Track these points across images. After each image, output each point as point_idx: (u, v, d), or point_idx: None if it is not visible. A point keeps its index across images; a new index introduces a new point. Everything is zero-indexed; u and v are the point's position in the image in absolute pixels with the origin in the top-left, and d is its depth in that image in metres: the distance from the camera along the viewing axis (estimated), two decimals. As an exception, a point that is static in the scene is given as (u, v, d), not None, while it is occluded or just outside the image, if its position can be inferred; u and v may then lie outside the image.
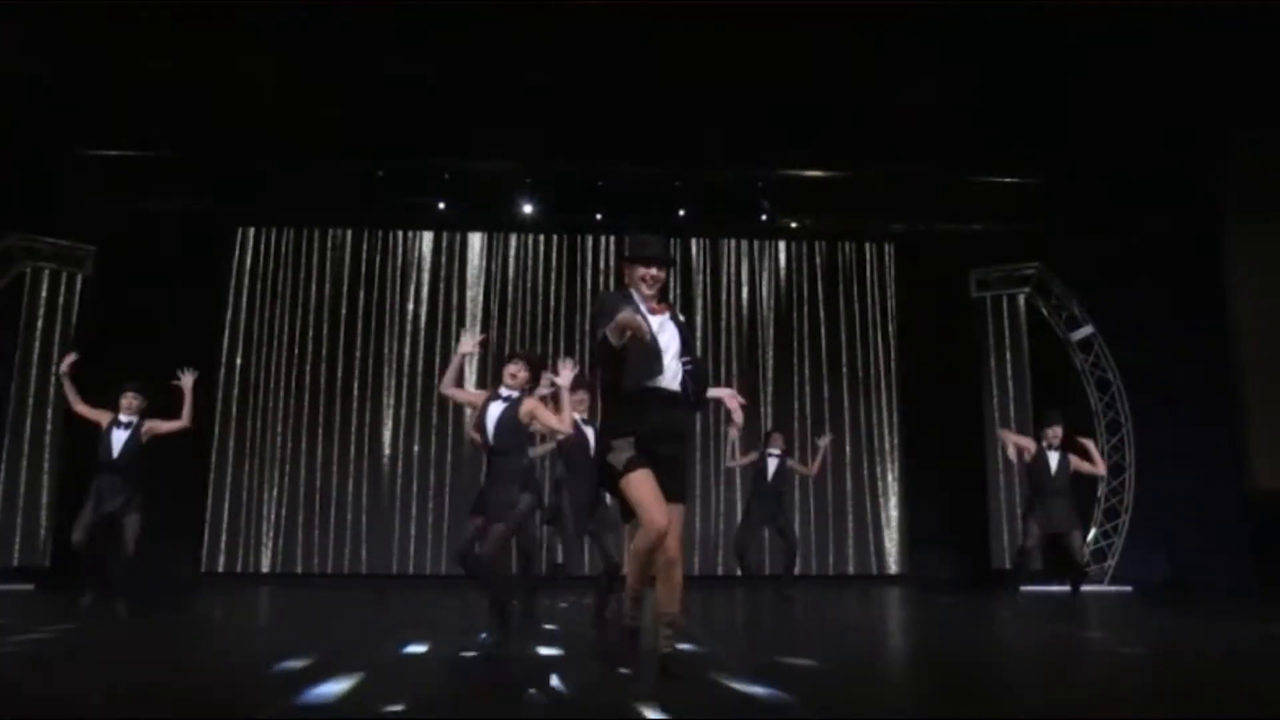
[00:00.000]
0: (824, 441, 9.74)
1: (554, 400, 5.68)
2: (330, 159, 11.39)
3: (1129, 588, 10.86)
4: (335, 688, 3.55)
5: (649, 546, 3.76)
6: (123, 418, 7.21)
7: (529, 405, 5.32)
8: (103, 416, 7.23)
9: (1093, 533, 11.40)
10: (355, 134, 10.82)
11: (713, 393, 4.29)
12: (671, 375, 3.94)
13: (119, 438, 7.17)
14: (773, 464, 9.24)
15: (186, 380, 7.28)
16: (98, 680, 4.00)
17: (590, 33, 9.23)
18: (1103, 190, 11.22)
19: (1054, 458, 7.77)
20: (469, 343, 5.33)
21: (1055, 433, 7.80)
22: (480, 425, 5.35)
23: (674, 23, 9.03)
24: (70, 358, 7.28)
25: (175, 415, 7.34)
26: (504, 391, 5.36)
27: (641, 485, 3.79)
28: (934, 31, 9.22)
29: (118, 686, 3.87)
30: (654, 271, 4.06)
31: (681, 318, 4.18)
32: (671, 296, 12.97)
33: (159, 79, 9.73)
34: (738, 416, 4.43)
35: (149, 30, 9.16)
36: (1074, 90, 10.00)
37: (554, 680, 3.81)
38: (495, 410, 5.32)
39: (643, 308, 3.99)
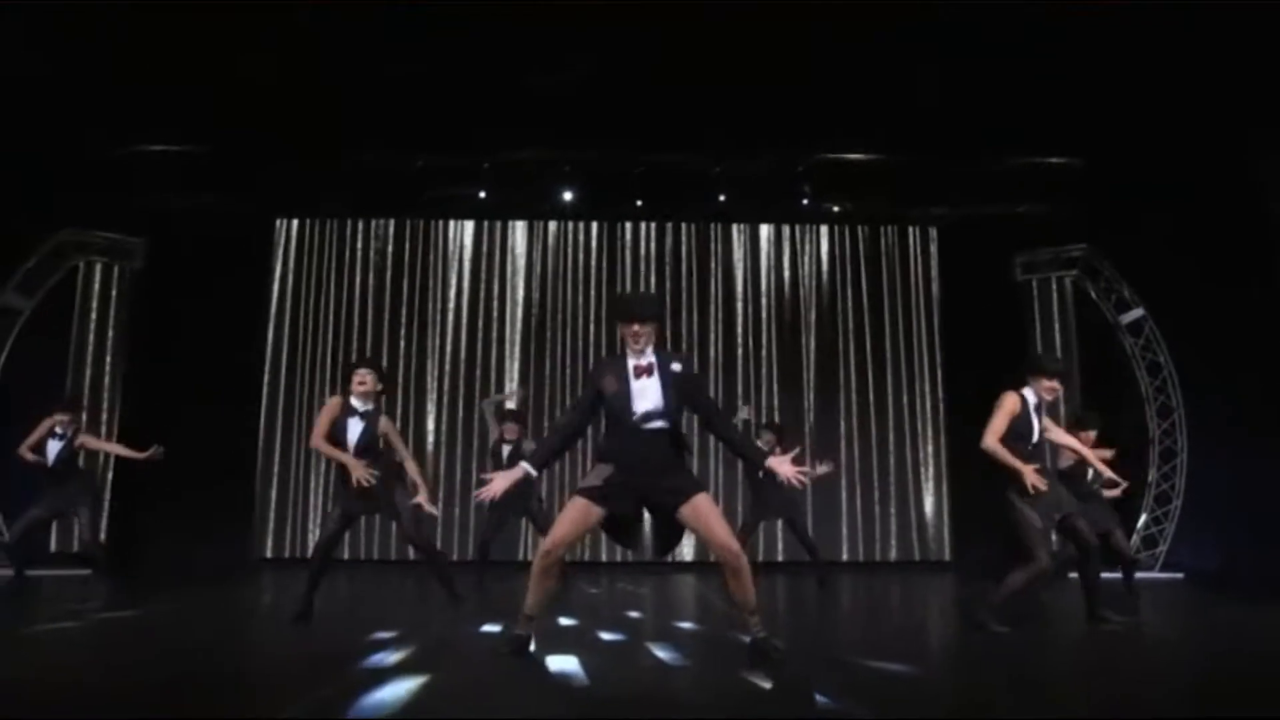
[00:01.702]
0: (823, 468, 9.46)
1: None
2: (371, 151, 11.46)
3: (1180, 575, 10.68)
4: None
5: (540, 565, 4.14)
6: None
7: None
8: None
9: (1143, 519, 11.22)
10: (396, 126, 10.87)
11: (770, 464, 4.32)
12: (648, 429, 4.11)
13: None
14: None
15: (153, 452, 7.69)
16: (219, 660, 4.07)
17: (629, 19, 9.19)
18: (1152, 168, 10.96)
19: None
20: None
21: (1088, 437, 7.57)
22: None
23: (713, 7, 8.97)
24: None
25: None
26: None
27: (566, 509, 4.14)
28: (976, 11, 9.06)
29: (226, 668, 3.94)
30: (634, 328, 4.15)
31: (676, 368, 4.20)
32: (712, 284, 12.92)
33: (204, 74, 9.84)
34: (804, 479, 4.37)
35: (193, 25, 9.26)
36: (1120, 65, 9.77)
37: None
38: None
39: (629, 367, 4.14)
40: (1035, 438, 5.67)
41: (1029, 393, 5.69)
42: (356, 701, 3.13)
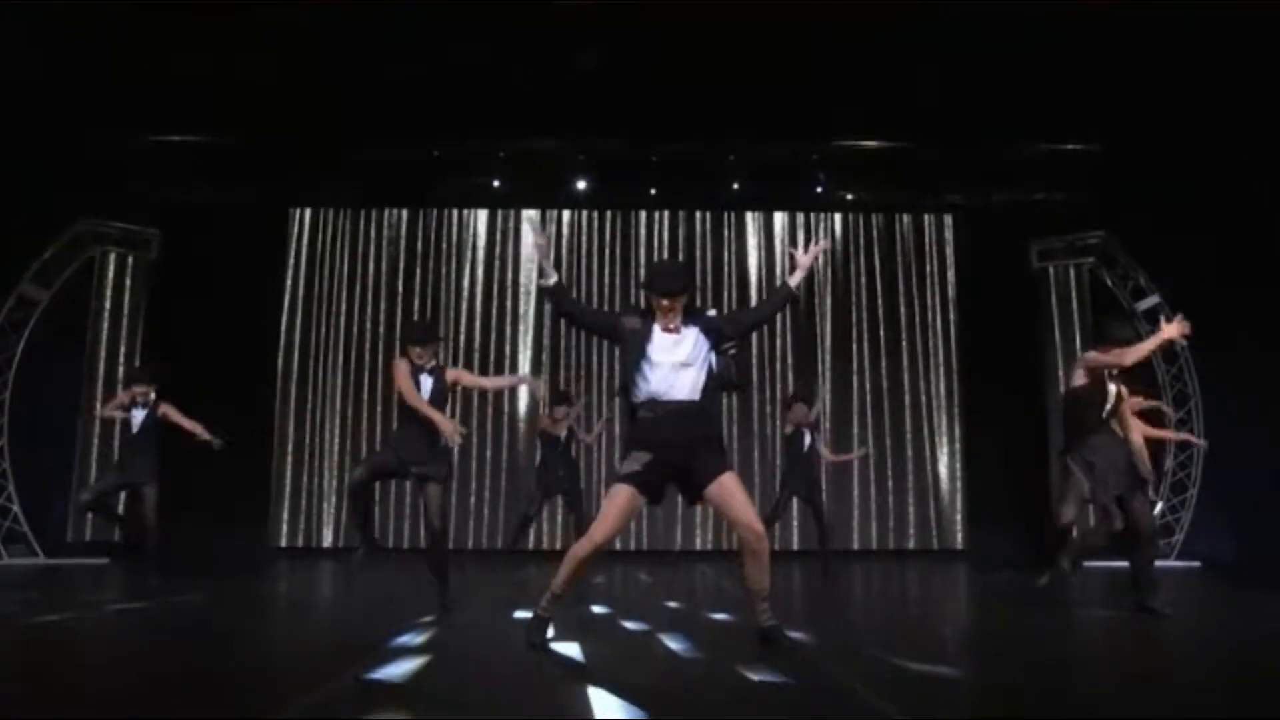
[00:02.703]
0: (857, 454, 9.63)
1: None
2: (385, 140, 11.46)
3: (1196, 563, 10.63)
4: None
5: (585, 554, 4.03)
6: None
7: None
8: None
9: (1159, 507, 11.17)
10: (410, 115, 10.86)
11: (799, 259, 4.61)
12: (682, 388, 4.06)
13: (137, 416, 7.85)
14: (807, 437, 9.02)
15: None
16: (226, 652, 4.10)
17: (640, 7, 9.15)
18: (1169, 153, 10.85)
19: None
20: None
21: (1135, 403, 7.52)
22: None
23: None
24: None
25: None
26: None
27: (612, 499, 4.03)
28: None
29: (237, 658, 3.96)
30: (665, 303, 4.13)
31: (712, 313, 4.26)
32: (726, 273, 12.89)
33: (217, 65, 9.83)
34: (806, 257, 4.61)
35: (205, 16, 9.26)
36: (1138, 49, 9.67)
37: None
38: None
39: (656, 326, 4.11)
40: (1110, 404, 5.55)
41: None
42: (361, 694, 3.14)
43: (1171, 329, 5.43)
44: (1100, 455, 5.45)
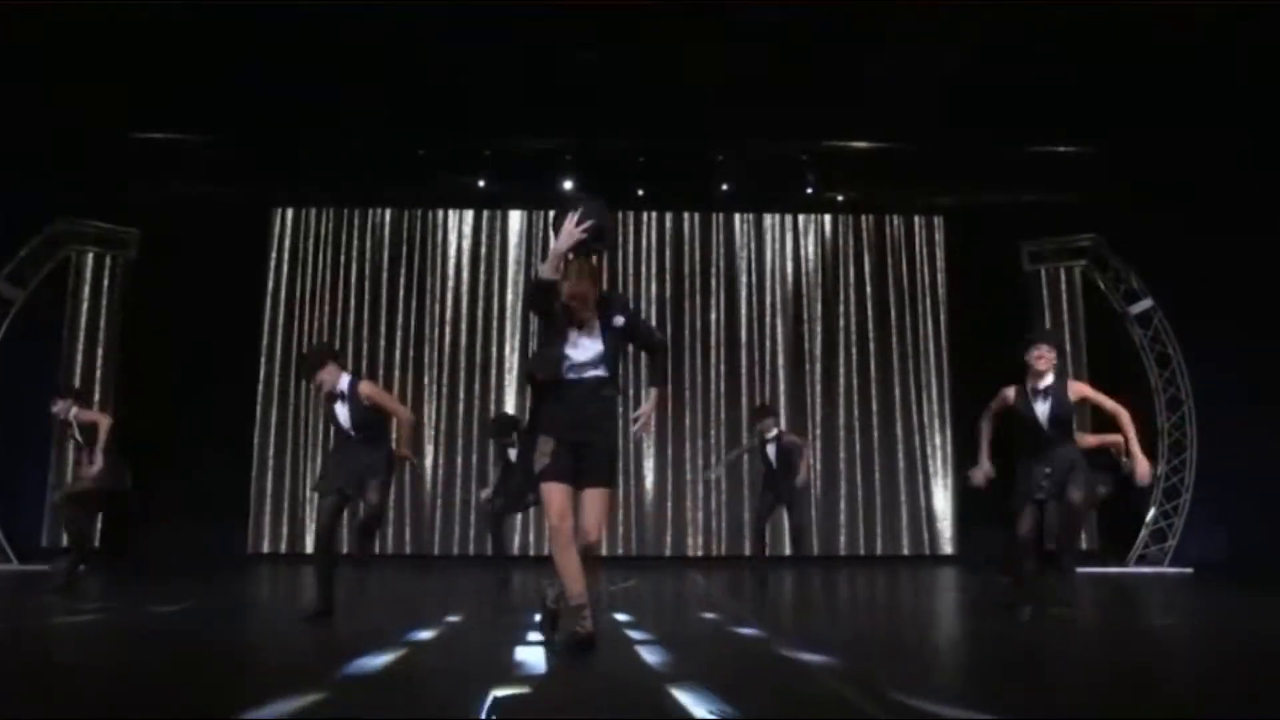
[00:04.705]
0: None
1: None
2: (370, 138, 11.28)
3: (1189, 569, 10.52)
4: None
5: (557, 548, 3.90)
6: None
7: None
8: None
9: (1151, 513, 11.07)
10: (395, 113, 10.69)
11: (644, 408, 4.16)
12: (584, 366, 3.96)
13: None
14: (772, 449, 8.60)
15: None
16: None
17: (630, 7, 9.01)
18: (1162, 155, 10.74)
19: None
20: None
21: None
22: None
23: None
24: None
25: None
26: None
27: (549, 496, 3.90)
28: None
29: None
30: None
31: (618, 322, 4.00)
32: (714, 274, 12.72)
33: (198, 62, 9.66)
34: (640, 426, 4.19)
35: (186, 11, 9.09)
36: (1131, 51, 9.57)
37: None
38: None
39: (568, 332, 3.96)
40: (1045, 429, 5.49)
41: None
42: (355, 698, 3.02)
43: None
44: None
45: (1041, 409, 5.52)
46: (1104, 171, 11.13)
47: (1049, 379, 5.53)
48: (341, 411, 5.19)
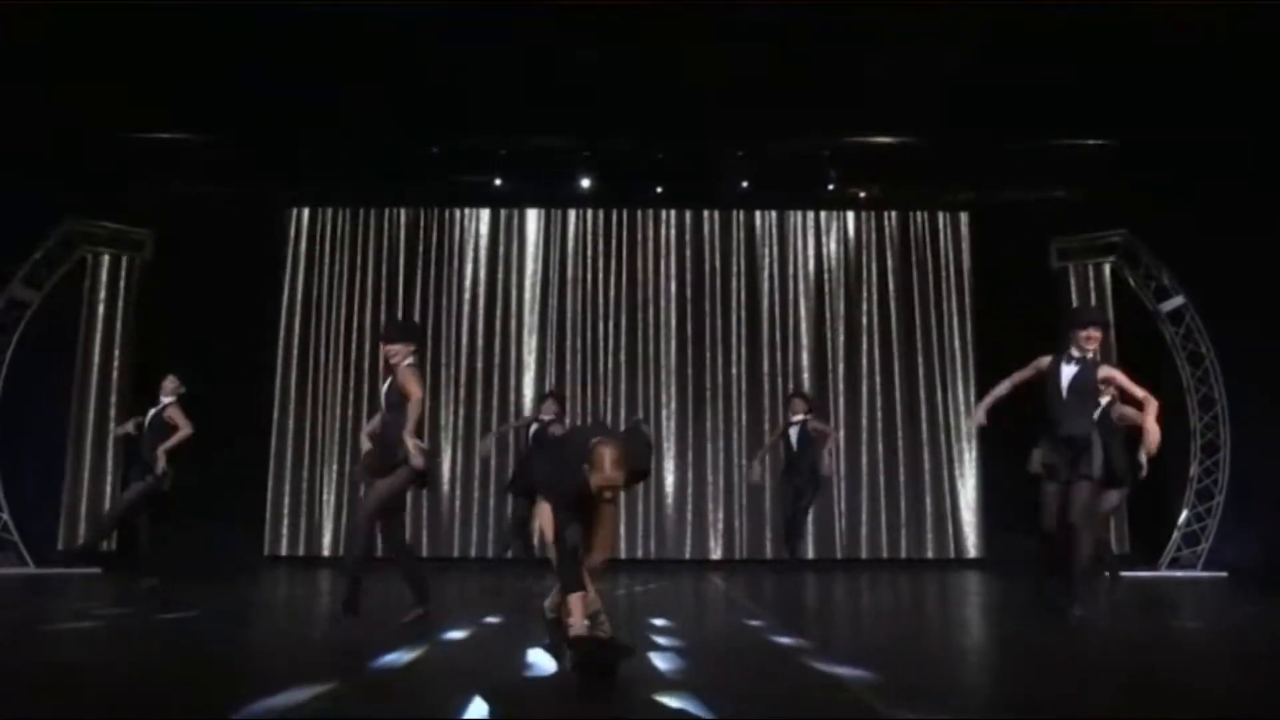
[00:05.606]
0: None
1: None
2: (385, 138, 11.17)
3: (1224, 574, 10.26)
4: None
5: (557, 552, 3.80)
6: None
7: None
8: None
9: (1184, 515, 10.81)
10: (411, 112, 10.58)
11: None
12: None
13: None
14: (794, 431, 8.49)
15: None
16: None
17: (630, 7, 8.87)
18: (1193, 149, 10.47)
19: None
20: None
21: None
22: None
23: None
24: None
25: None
26: None
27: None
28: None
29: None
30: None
31: None
32: (735, 273, 12.54)
33: (212, 61, 9.57)
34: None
35: (199, 12, 9.00)
36: (1160, 43, 9.32)
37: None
38: None
39: None
40: (1064, 394, 5.58)
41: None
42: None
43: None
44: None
45: (1067, 372, 5.59)
46: (1135, 166, 10.87)
47: (1088, 355, 5.59)
48: (384, 387, 5.43)
